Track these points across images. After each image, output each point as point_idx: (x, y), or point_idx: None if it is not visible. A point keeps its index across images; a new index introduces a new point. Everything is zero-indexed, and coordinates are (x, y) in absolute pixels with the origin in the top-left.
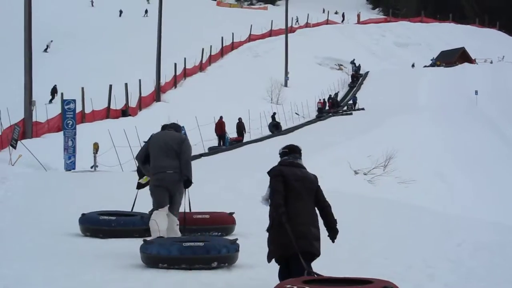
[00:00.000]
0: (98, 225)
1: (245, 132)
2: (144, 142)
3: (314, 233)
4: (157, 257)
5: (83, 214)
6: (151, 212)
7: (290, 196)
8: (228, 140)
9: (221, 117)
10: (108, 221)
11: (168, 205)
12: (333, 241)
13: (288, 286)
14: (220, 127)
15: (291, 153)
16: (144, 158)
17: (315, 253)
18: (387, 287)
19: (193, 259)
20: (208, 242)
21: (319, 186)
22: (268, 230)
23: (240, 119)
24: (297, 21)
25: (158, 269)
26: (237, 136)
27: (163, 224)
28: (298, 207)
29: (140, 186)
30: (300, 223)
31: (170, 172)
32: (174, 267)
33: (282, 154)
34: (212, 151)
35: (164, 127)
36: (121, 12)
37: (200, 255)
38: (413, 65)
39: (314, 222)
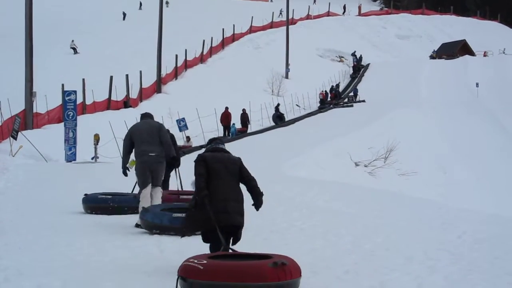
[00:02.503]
0: (97, 203)
1: (249, 123)
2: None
3: (234, 206)
4: (152, 224)
5: (85, 194)
6: (138, 193)
7: (212, 177)
8: (235, 130)
9: (226, 108)
10: (105, 200)
11: (151, 183)
12: (257, 210)
13: (191, 260)
14: (226, 118)
15: (213, 141)
16: (129, 148)
17: (237, 225)
18: (276, 262)
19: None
20: None
21: (242, 166)
22: (190, 208)
23: (244, 110)
24: (280, 13)
25: (145, 237)
26: (241, 127)
27: (147, 203)
28: (218, 185)
29: (125, 171)
30: (221, 199)
31: (152, 155)
32: (165, 233)
33: (207, 144)
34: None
35: (143, 117)
36: (124, 14)
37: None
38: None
39: (235, 197)
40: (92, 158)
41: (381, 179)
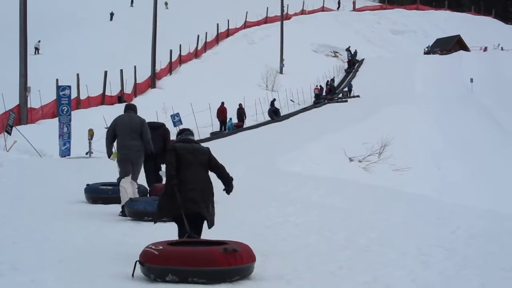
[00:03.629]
0: (98, 194)
1: (245, 117)
2: (106, 127)
3: (202, 195)
4: (143, 212)
5: (87, 185)
6: (119, 180)
7: (182, 166)
8: (232, 125)
9: (222, 103)
10: (106, 190)
11: (131, 174)
12: (228, 194)
13: (150, 246)
14: (222, 112)
15: (183, 132)
16: (111, 138)
17: (204, 214)
18: (227, 248)
19: None
20: None
21: (211, 155)
22: (161, 195)
23: (240, 105)
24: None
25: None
26: (238, 121)
27: (129, 190)
28: (188, 175)
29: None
30: (190, 188)
31: (134, 150)
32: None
33: (177, 135)
34: (214, 136)
35: (127, 109)
36: (112, 15)
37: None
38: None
39: (204, 187)
40: (87, 153)
41: (376, 174)
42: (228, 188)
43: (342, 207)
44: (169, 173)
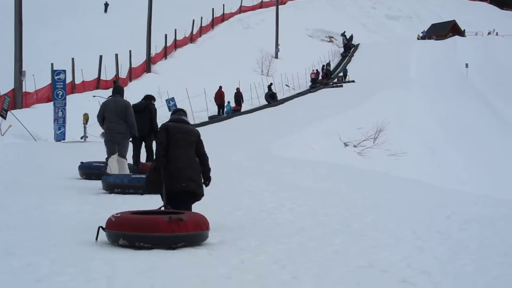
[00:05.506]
0: (91, 170)
1: (242, 101)
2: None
3: (188, 174)
4: (114, 184)
5: (81, 162)
6: (107, 159)
7: (172, 145)
8: (230, 109)
9: (220, 87)
10: (98, 167)
11: (117, 152)
12: (206, 186)
13: (113, 215)
14: (219, 96)
15: (177, 112)
16: (102, 119)
17: (188, 191)
18: (171, 217)
19: (138, 186)
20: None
21: (199, 139)
22: (151, 170)
23: (238, 89)
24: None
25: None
26: (235, 105)
27: (115, 168)
28: (176, 154)
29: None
30: (176, 166)
31: (116, 133)
32: (125, 192)
33: (172, 114)
34: (212, 120)
35: (114, 91)
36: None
37: (142, 184)
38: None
39: (190, 165)
40: (82, 138)
41: (371, 159)
42: (207, 180)
43: (337, 192)
44: (158, 152)
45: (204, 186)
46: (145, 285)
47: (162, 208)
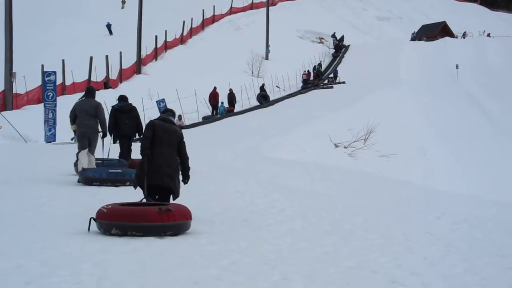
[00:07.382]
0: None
1: (235, 102)
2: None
3: (166, 171)
4: (93, 178)
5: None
6: (77, 154)
7: (156, 143)
8: (224, 109)
9: (215, 88)
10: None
11: (88, 148)
12: (184, 183)
13: (104, 206)
14: (214, 97)
15: (165, 112)
16: (73, 119)
17: (164, 186)
18: (161, 208)
19: (115, 180)
20: (124, 170)
21: (182, 140)
22: (138, 165)
23: (231, 89)
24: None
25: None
26: (228, 106)
27: (85, 162)
28: (158, 151)
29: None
30: (157, 163)
31: (89, 128)
32: (103, 185)
33: (162, 112)
34: (206, 120)
35: (87, 92)
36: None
37: (119, 177)
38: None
39: (169, 163)
40: (72, 139)
41: (361, 160)
42: (185, 179)
43: (327, 193)
44: (143, 145)
45: (183, 183)
46: (136, 286)
47: (144, 200)
